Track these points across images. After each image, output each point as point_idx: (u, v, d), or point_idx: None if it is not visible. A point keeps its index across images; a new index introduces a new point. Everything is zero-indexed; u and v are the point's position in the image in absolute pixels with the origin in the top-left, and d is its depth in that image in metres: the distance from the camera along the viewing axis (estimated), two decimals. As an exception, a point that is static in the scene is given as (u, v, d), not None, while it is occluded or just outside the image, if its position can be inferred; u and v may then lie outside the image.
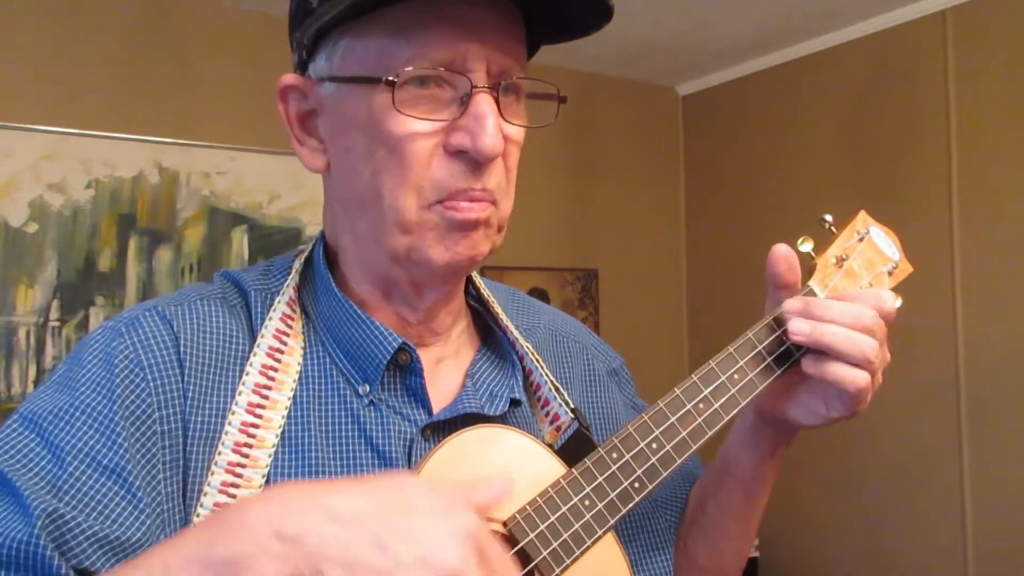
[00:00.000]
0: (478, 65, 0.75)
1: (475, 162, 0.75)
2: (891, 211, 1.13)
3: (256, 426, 0.76)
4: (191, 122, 3.10)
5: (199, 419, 0.75)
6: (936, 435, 3.11)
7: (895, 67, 3.31)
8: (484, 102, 0.74)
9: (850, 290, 0.86)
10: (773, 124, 3.77)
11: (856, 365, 0.80)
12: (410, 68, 0.73)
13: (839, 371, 0.80)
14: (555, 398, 0.89)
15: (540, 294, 3.74)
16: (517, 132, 0.79)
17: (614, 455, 0.80)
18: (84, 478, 0.68)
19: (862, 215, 0.94)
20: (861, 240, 0.91)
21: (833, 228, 0.92)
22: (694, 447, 0.83)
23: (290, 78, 0.82)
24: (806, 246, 0.89)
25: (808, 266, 0.89)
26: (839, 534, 3.42)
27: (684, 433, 0.82)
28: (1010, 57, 2.95)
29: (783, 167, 3.70)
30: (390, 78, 0.73)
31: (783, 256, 0.86)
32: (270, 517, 0.58)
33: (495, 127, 0.74)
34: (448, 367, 0.87)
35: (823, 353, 0.81)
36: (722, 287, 3.89)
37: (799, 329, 0.81)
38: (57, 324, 2.88)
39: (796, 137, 3.67)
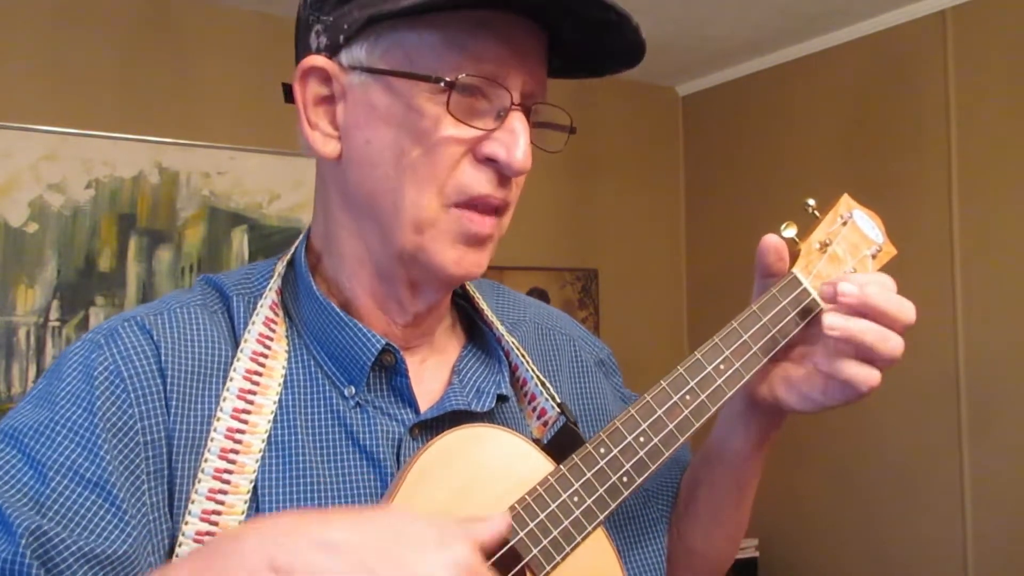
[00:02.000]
0: (517, 83, 0.77)
1: (501, 173, 0.77)
2: (891, 211, 1.12)
3: (242, 431, 0.75)
4: (191, 122, 3.10)
5: (183, 428, 0.74)
6: (936, 435, 3.10)
7: (895, 67, 3.30)
8: (520, 119, 0.76)
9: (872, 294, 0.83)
10: (773, 124, 3.77)
11: (879, 365, 0.80)
12: (464, 74, 0.74)
13: (854, 371, 0.80)
14: (541, 393, 0.89)
15: (540, 294, 3.74)
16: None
17: (602, 450, 0.80)
18: (68, 493, 0.67)
19: (845, 198, 0.93)
20: (844, 224, 0.90)
21: (816, 212, 0.91)
22: (682, 439, 0.83)
23: (318, 59, 0.79)
24: (789, 231, 0.88)
25: (792, 252, 0.88)
26: (839, 534, 3.41)
27: (671, 425, 0.82)
28: (1010, 57, 2.95)
29: (783, 167, 3.70)
30: (448, 79, 0.74)
31: (773, 246, 0.87)
32: (264, 547, 0.59)
33: (527, 144, 0.76)
34: (433, 365, 0.87)
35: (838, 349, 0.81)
36: (722, 287, 3.88)
37: (832, 323, 0.80)
38: (57, 324, 2.89)
39: (796, 137, 3.66)
